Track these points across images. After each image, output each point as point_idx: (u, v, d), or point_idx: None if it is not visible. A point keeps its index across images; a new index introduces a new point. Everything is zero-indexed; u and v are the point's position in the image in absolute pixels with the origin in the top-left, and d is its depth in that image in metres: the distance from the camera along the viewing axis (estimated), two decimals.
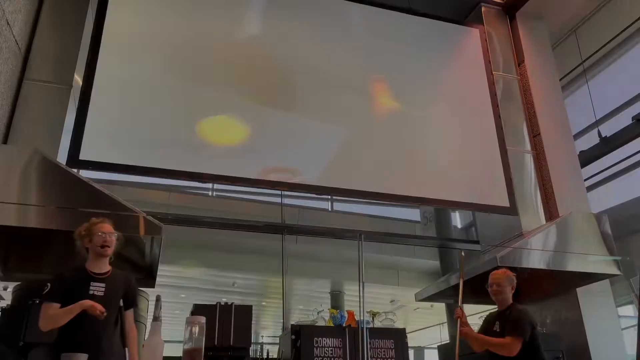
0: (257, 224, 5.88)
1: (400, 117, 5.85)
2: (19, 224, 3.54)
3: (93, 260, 2.85)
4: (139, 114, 4.91)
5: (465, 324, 3.61)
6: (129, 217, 3.70)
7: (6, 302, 4.17)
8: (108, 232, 2.85)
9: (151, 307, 4.26)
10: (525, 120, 6.26)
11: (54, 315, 2.65)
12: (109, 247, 2.84)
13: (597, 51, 7.45)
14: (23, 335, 3.32)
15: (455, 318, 3.64)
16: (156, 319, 1.89)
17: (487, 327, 3.62)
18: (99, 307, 2.63)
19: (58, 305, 2.69)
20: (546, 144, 6.02)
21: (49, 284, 2.77)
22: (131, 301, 2.90)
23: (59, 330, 2.69)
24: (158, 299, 1.92)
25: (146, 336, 3.67)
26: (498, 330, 3.46)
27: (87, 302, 2.64)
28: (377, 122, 5.72)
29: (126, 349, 2.72)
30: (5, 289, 4.48)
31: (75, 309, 2.62)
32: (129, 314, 2.87)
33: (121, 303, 2.84)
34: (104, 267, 2.87)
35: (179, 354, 3.50)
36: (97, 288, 2.76)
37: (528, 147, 6.11)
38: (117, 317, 2.79)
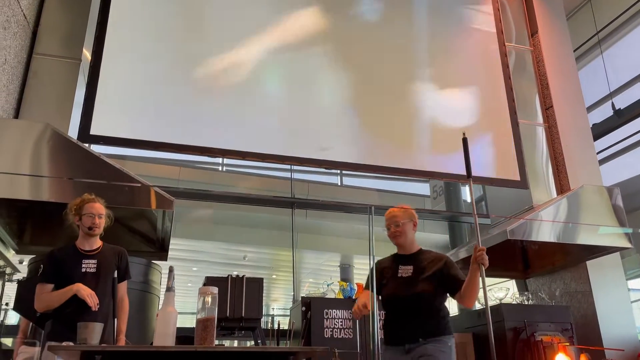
0: (267, 198, 5.92)
1: (410, 90, 5.80)
2: (32, 197, 3.59)
3: (82, 238, 2.91)
4: (149, 89, 4.90)
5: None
6: (141, 192, 3.74)
7: (22, 274, 4.27)
8: (97, 213, 2.88)
9: (164, 279, 4.35)
10: (538, 92, 6.17)
11: (47, 298, 2.75)
12: (97, 228, 2.88)
13: (612, 21, 7.29)
14: None
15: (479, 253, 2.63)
16: (169, 289, 1.92)
17: (387, 273, 2.83)
18: (94, 299, 2.71)
19: (52, 286, 2.78)
20: (558, 117, 5.95)
21: (42, 265, 2.82)
22: (123, 274, 2.98)
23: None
24: (171, 270, 1.95)
25: (160, 306, 3.75)
26: (410, 275, 2.73)
27: (82, 291, 2.71)
28: (386, 96, 5.67)
29: (115, 319, 2.83)
30: (20, 262, 4.57)
31: (69, 292, 2.71)
32: (122, 286, 2.96)
33: (115, 275, 2.91)
34: (94, 243, 2.93)
35: (191, 324, 3.58)
36: (89, 265, 2.83)
37: (540, 119, 6.04)
38: (110, 291, 2.86)
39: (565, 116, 5.98)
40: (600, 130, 6.89)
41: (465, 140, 3.08)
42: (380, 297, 2.84)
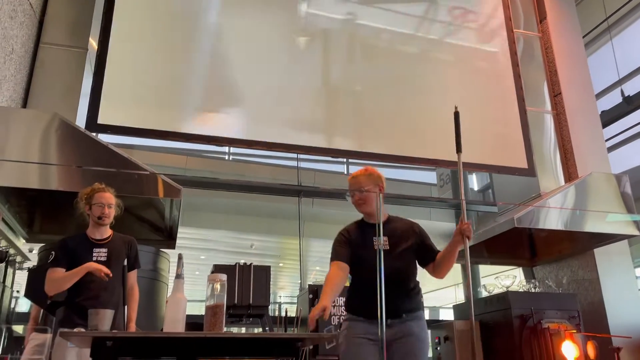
0: (274, 187, 5.93)
1: (416, 77, 5.76)
2: (41, 186, 3.62)
3: (93, 227, 2.94)
4: (155, 78, 4.90)
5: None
6: (149, 180, 3.76)
7: (32, 263, 4.32)
8: (107, 202, 2.91)
9: (172, 267, 4.38)
10: (546, 79, 6.12)
11: (59, 279, 2.76)
12: (107, 217, 2.91)
13: (622, 7, 7.19)
14: None
15: (465, 226, 2.53)
16: (179, 276, 1.94)
17: (360, 244, 2.63)
18: (104, 270, 2.73)
19: (63, 270, 2.80)
20: (567, 104, 5.90)
21: (53, 252, 2.85)
22: (133, 263, 3.02)
23: (67, 292, 2.81)
24: (180, 257, 1.97)
25: (169, 293, 3.78)
26: (387, 248, 2.57)
27: (92, 265, 2.74)
28: (392, 84, 5.64)
29: (125, 306, 2.87)
30: (30, 250, 4.62)
31: (80, 271, 2.73)
32: (132, 274, 3.00)
33: (125, 263, 2.94)
34: (105, 232, 2.97)
35: (199, 312, 3.62)
36: (100, 253, 2.87)
37: (548, 107, 6.00)
38: (121, 279, 2.90)
39: (573, 103, 5.93)
40: (609, 118, 6.83)
41: (457, 115, 3.04)
42: (351, 269, 2.61)
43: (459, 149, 2.92)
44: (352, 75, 5.54)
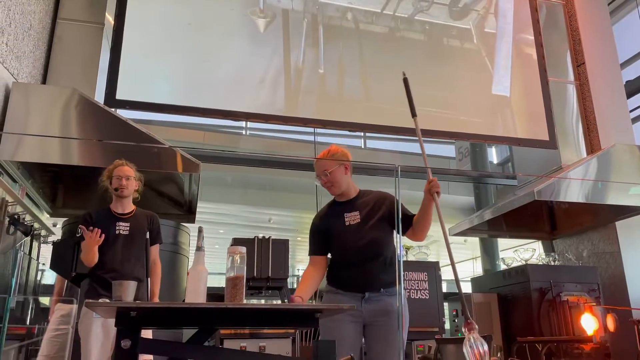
0: (291, 161, 5.93)
1: (434, 49, 5.66)
2: (62, 161, 3.68)
3: (116, 202, 3.01)
4: (172, 53, 4.89)
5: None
6: (168, 155, 3.79)
7: (57, 237, 4.42)
8: (124, 175, 2.96)
9: (192, 241, 4.45)
10: (569, 48, 5.96)
11: (84, 253, 2.83)
12: (124, 189, 2.95)
13: None
14: (74, 266, 3.53)
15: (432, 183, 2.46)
16: (199, 249, 1.97)
17: (333, 224, 2.59)
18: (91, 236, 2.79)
19: None
20: (590, 74, 5.75)
21: (79, 227, 2.92)
22: (155, 237, 3.07)
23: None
24: (200, 230, 1.99)
25: (189, 266, 3.84)
26: (358, 221, 2.53)
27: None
28: (411, 56, 5.55)
29: (148, 279, 2.95)
30: (54, 225, 4.72)
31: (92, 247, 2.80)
32: (154, 249, 3.06)
33: (147, 236, 3.00)
34: (128, 207, 3.02)
35: (218, 284, 3.68)
36: (123, 227, 2.94)
37: (571, 77, 5.85)
38: (143, 252, 2.97)
39: (597, 73, 5.77)
40: (633, 88, 6.63)
41: (405, 81, 2.96)
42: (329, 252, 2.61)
43: (413, 114, 2.83)
44: (368, 47, 5.45)
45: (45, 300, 4.59)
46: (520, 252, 5.44)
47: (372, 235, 2.51)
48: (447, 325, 5.17)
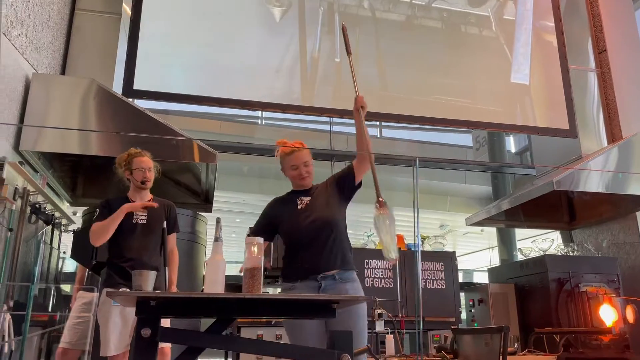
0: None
1: (452, 36, 5.59)
2: (81, 151, 3.73)
3: (134, 191, 3.01)
4: (189, 43, 4.91)
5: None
6: (185, 145, 3.82)
7: (77, 226, 4.49)
8: (147, 167, 2.97)
9: (209, 230, 4.49)
10: (591, 35, 5.83)
11: (99, 226, 2.81)
12: (149, 181, 2.98)
13: None
14: (94, 255, 3.59)
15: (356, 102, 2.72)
16: (217, 239, 1.98)
17: (285, 209, 2.61)
18: (138, 206, 2.84)
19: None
20: (612, 61, 5.63)
21: (97, 210, 2.94)
22: (172, 226, 3.08)
23: (109, 252, 2.91)
24: (218, 221, 1.99)
25: (207, 255, 3.88)
26: (307, 203, 2.59)
27: (127, 206, 2.83)
28: (428, 44, 5.48)
29: (166, 267, 2.96)
30: (74, 214, 4.79)
31: (119, 214, 2.80)
32: (171, 238, 3.07)
33: (164, 225, 3.01)
34: (145, 196, 3.03)
35: (234, 273, 3.70)
36: (140, 216, 2.94)
37: (592, 65, 5.74)
38: (160, 241, 2.98)
39: (619, 61, 5.66)
40: None
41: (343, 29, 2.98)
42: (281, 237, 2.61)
43: (348, 52, 2.97)
44: (386, 37, 5.40)
45: (66, 288, 4.68)
46: (538, 242, 5.39)
47: (322, 214, 2.53)
48: (463, 315, 5.16)
